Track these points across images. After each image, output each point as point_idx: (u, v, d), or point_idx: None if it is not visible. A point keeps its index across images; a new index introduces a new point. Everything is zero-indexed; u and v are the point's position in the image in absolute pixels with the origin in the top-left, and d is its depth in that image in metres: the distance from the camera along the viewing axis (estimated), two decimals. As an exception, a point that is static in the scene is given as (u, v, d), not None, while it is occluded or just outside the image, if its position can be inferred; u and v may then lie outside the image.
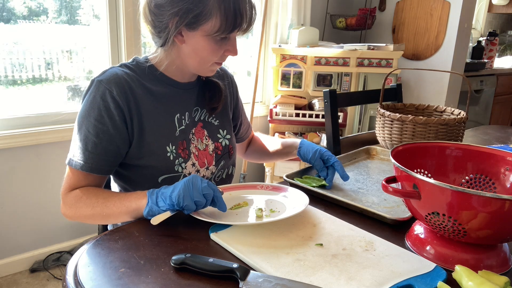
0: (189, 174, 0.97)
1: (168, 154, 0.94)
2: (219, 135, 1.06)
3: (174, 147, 0.95)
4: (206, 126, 1.03)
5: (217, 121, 1.06)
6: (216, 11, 0.82)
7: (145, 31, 0.93)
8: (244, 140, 1.26)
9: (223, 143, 1.06)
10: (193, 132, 1.00)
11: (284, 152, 1.20)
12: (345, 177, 1.01)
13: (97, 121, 0.86)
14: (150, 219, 0.77)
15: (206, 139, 1.02)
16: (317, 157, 1.04)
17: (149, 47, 0.98)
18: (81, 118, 0.88)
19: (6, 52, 1.81)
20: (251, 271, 0.62)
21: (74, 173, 0.89)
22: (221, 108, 1.06)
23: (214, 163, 1.03)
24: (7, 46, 1.81)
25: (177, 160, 0.95)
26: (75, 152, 0.88)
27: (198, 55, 0.89)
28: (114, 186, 1.03)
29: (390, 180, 0.74)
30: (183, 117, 0.98)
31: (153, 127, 0.92)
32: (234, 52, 0.91)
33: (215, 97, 1.03)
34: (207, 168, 1.02)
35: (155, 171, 0.94)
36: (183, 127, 0.98)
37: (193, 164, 0.98)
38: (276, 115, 2.42)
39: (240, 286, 0.60)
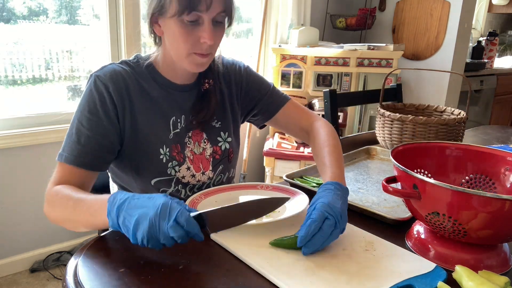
0: (183, 177, 0.95)
1: (161, 157, 0.92)
2: (219, 138, 1.01)
3: (168, 149, 0.93)
4: (205, 129, 0.99)
5: (219, 123, 1.02)
6: None
7: (145, 31, 0.92)
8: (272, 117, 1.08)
9: (223, 147, 1.01)
10: (190, 135, 0.97)
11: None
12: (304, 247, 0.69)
13: (91, 114, 0.85)
14: None
15: (204, 143, 0.99)
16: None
17: (149, 47, 0.98)
18: (76, 111, 0.87)
19: (6, 52, 1.81)
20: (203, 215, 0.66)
21: (61, 167, 0.84)
22: (210, 118, 0.99)
23: (211, 168, 1.00)
24: (7, 46, 1.81)
25: (170, 163, 0.93)
26: (66, 146, 0.85)
27: (173, 43, 0.86)
28: (113, 185, 1.03)
29: (390, 180, 0.74)
30: (178, 120, 0.95)
31: (146, 128, 0.90)
32: (208, 38, 0.83)
33: (202, 111, 0.97)
34: (203, 173, 0.98)
35: (147, 173, 0.92)
36: (178, 130, 0.95)
37: (188, 168, 0.96)
38: (276, 115, 2.41)
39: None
